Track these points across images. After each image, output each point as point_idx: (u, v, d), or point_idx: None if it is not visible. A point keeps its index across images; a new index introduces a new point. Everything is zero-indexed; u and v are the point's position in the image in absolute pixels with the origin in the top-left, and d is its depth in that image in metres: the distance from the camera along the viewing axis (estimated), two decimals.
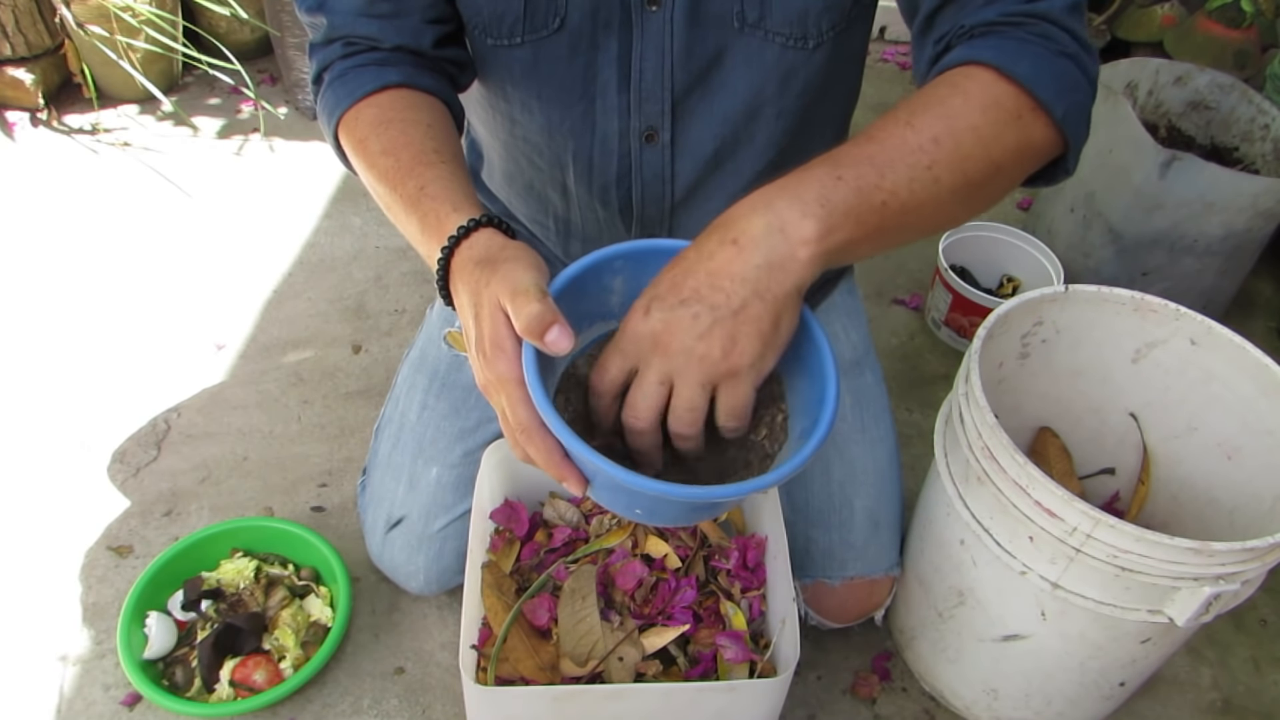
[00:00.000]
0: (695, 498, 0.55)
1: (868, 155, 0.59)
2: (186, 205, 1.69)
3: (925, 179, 0.59)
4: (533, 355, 0.55)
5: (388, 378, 1.38)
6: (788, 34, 0.76)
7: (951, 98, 0.62)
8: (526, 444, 0.57)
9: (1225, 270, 1.48)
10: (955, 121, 0.61)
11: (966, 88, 0.63)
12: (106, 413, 1.31)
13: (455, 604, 1.10)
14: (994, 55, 0.63)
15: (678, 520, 0.71)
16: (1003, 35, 0.66)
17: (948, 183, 0.60)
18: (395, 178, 0.68)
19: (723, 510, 0.68)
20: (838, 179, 0.57)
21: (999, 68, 0.63)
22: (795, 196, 0.56)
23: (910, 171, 0.59)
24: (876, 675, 1.07)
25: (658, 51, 0.77)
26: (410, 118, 0.72)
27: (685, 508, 0.60)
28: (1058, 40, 0.65)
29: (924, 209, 0.60)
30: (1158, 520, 1.04)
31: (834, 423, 0.57)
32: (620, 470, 0.53)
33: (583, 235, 0.95)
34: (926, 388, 1.45)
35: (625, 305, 0.63)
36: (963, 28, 0.68)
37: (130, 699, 1.01)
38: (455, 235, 0.61)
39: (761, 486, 0.56)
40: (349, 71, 0.75)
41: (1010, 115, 0.63)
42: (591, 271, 0.61)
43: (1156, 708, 1.07)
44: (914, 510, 1.04)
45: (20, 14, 1.74)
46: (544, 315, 0.53)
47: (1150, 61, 1.59)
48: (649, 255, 0.62)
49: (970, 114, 0.61)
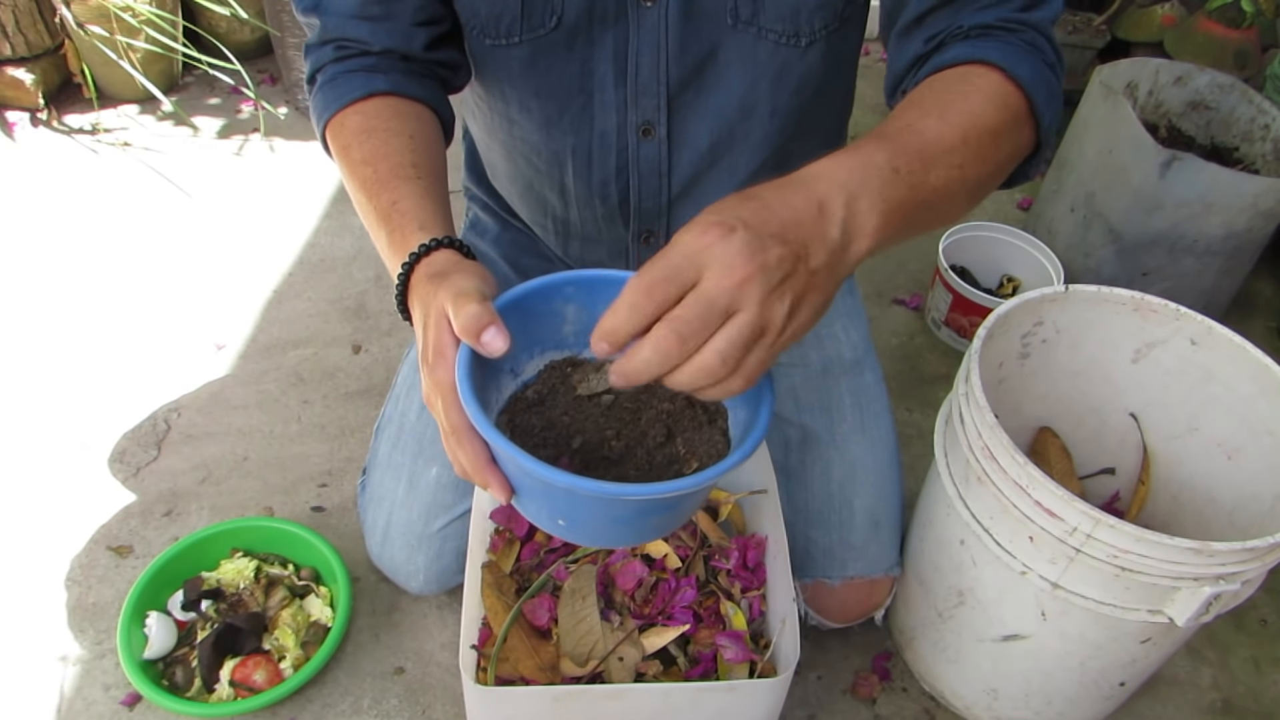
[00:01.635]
0: (620, 495, 0.51)
1: (917, 149, 0.58)
2: (186, 205, 1.69)
3: (955, 178, 0.59)
4: (467, 358, 0.55)
5: (388, 378, 1.38)
6: (780, 31, 0.77)
7: (973, 96, 0.63)
8: (457, 448, 0.56)
9: (1225, 270, 1.48)
10: (979, 120, 0.61)
11: (982, 87, 0.64)
12: (106, 413, 1.31)
13: (455, 604, 1.10)
14: (1000, 57, 0.64)
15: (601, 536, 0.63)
16: (1003, 40, 0.67)
17: (970, 182, 0.61)
18: (372, 188, 0.69)
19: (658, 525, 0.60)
20: (895, 171, 0.56)
21: (1005, 70, 0.64)
22: (865, 184, 0.54)
23: (946, 172, 0.59)
24: (876, 675, 1.07)
25: (653, 47, 0.78)
26: (393, 127, 0.73)
27: (603, 514, 0.56)
28: (1044, 50, 0.67)
29: (945, 206, 0.60)
30: (1158, 520, 1.04)
31: (763, 436, 0.55)
32: (536, 463, 0.50)
33: (581, 235, 0.95)
34: (926, 388, 1.45)
35: (579, 336, 0.63)
36: (960, 28, 0.68)
37: (130, 699, 1.01)
38: (416, 253, 0.62)
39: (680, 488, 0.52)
40: (339, 76, 0.77)
41: (1015, 119, 0.64)
42: (540, 293, 0.61)
43: (1156, 708, 1.07)
44: (914, 510, 1.04)
45: (20, 14, 1.74)
46: (481, 315, 0.53)
47: (1150, 61, 1.59)
48: (600, 284, 0.61)
49: (989, 114, 0.62)
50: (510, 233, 1.07)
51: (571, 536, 0.60)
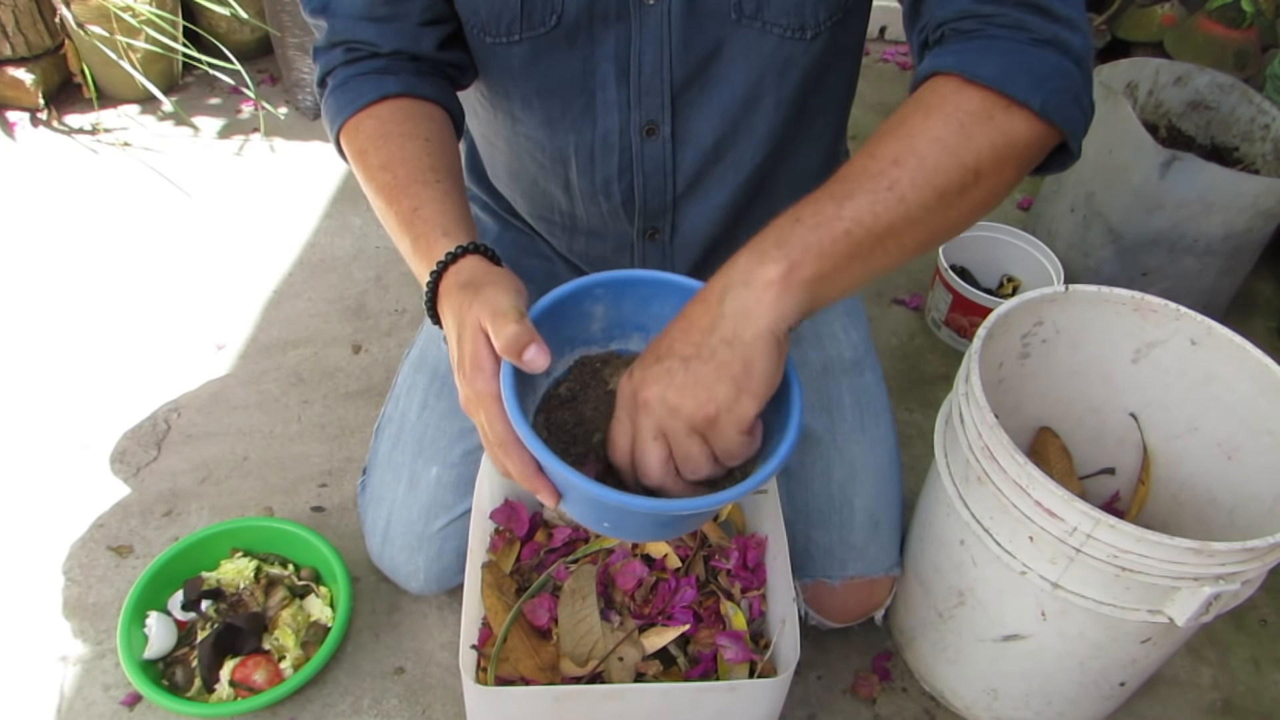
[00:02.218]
0: (655, 510, 0.57)
1: (827, 193, 0.59)
2: (186, 205, 1.69)
3: (888, 199, 0.59)
4: (510, 373, 0.57)
5: (388, 378, 1.38)
6: (785, 25, 0.77)
7: (913, 116, 0.62)
8: (504, 457, 0.59)
9: (1225, 270, 1.48)
10: (915, 139, 0.60)
11: (929, 102, 0.62)
12: (107, 413, 1.31)
13: (455, 604, 1.10)
14: (955, 61, 0.63)
15: (645, 534, 0.72)
16: (968, 37, 0.65)
17: (916, 199, 0.59)
18: (391, 194, 0.70)
19: (689, 526, 0.67)
20: (796, 220, 0.58)
21: (961, 73, 0.62)
22: (753, 249, 0.58)
23: (871, 196, 0.59)
24: (876, 675, 1.07)
25: (656, 45, 0.78)
26: (408, 130, 0.74)
27: (650, 521, 0.61)
28: (1030, 27, 0.63)
29: (897, 228, 0.59)
30: (1158, 520, 1.04)
31: (796, 444, 0.58)
32: (585, 480, 0.55)
33: (587, 230, 0.95)
34: (926, 388, 1.45)
35: (607, 332, 0.66)
36: (939, 22, 0.67)
37: (130, 699, 1.01)
38: (443, 261, 0.64)
39: (717, 503, 0.57)
40: (350, 80, 0.77)
41: (979, 118, 0.61)
42: (571, 298, 0.63)
43: (1156, 708, 1.07)
44: (914, 510, 1.04)
45: (20, 14, 1.74)
46: (521, 335, 0.56)
47: (1150, 61, 1.59)
48: (627, 284, 0.64)
49: (931, 127, 0.61)
50: (510, 233, 1.07)
51: (616, 534, 0.64)
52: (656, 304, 0.65)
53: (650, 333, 0.66)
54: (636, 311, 0.66)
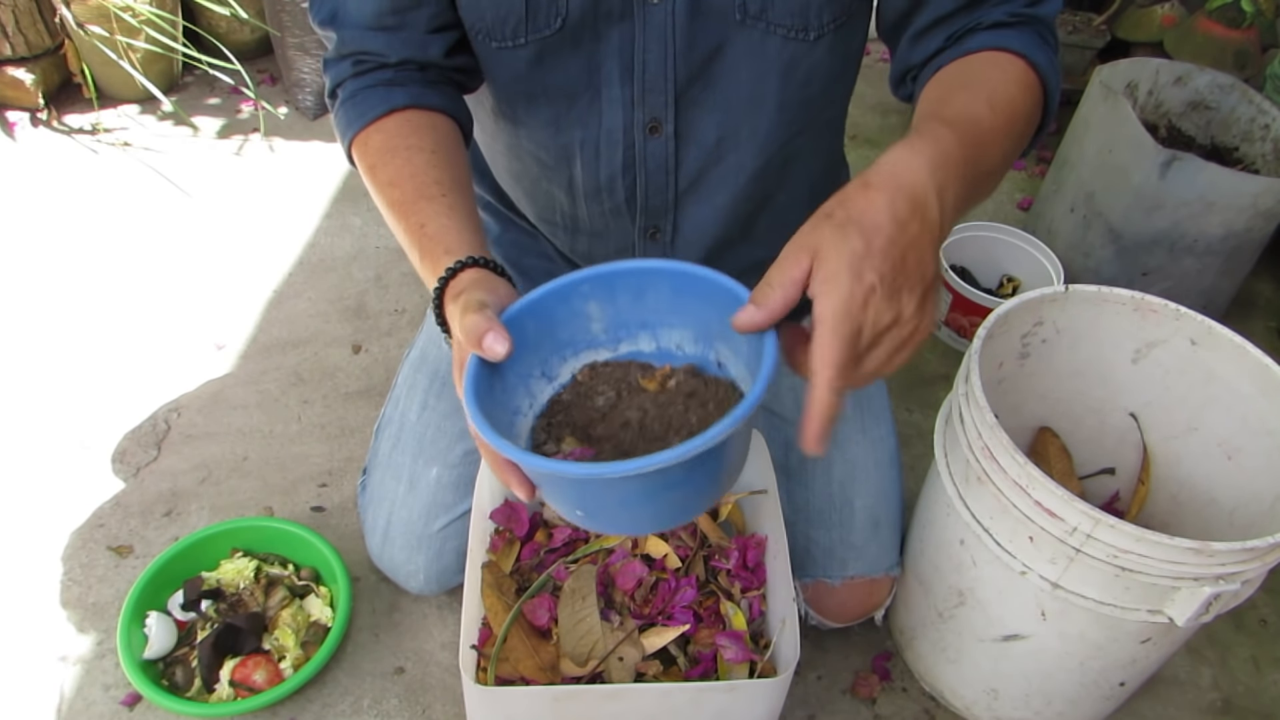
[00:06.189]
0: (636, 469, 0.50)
1: (975, 136, 0.62)
2: (186, 205, 1.69)
3: (998, 161, 0.65)
4: (474, 366, 0.58)
5: (388, 378, 1.38)
6: (789, 26, 0.77)
7: (1009, 84, 0.69)
8: (481, 451, 0.60)
9: (1225, 270, 1.48)
10: (1015, 106, 0.68)
11: (1013, 75, 0.70)
12: (106, 413, 1.31)
13: (455, 604, 1.10)
14: (1021, 45, 0.71)
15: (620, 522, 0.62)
16: (1019, 30, 0.73)
17: (1006, 164, 0.67)
18: (400, 210, 0.72)
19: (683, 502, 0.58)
20: (965, 161, 0.59)
21: (1026, 57, 0.71)
22: (948, 176, 0.57)
23: (992, 160, 0.64)
24: (876, 675, 1.07)
25: (660, 44, 0.78)
26: (414, 144, 0.75)
27: (613, 497, 0.55)
28: (1049, 41, 0.74)
29: (987, 189, 0.66)
30: (1158, 520, 1.04)
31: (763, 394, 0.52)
32: (540, 459, 0.53)
33: (589, 230, 0.95)
34: (926, 388, 1.45)
35: (609, 332, 0.64)
36: (979, 24, 0.74)
37: (130, 699, 1.01)
38: (444, 276, 0.65)
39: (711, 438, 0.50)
40: (359, 92, 0.78)
41: (1036, 103, 0.71)
42: (556, 295, 0.62)
43: (1156, 708, 1.07)
44: (914, 510, 1.04)
45: (20, 14, 1.74)
46: (479, 324, 0.57)
47: (1150, 61, 1.59)
48: (615, 277, 0.62)
49: (1020, 100, 0.69)
50: (512, 233, 1.07)
51: (594, 525, 0.61)
52: (651, 295, 0.62)
53: (657, 330, 0.64)
54: (634, 306, 0.63)
